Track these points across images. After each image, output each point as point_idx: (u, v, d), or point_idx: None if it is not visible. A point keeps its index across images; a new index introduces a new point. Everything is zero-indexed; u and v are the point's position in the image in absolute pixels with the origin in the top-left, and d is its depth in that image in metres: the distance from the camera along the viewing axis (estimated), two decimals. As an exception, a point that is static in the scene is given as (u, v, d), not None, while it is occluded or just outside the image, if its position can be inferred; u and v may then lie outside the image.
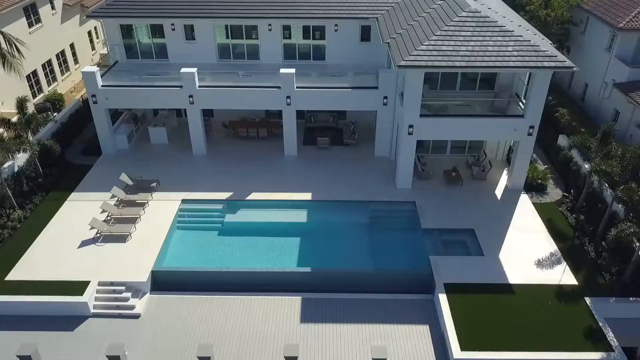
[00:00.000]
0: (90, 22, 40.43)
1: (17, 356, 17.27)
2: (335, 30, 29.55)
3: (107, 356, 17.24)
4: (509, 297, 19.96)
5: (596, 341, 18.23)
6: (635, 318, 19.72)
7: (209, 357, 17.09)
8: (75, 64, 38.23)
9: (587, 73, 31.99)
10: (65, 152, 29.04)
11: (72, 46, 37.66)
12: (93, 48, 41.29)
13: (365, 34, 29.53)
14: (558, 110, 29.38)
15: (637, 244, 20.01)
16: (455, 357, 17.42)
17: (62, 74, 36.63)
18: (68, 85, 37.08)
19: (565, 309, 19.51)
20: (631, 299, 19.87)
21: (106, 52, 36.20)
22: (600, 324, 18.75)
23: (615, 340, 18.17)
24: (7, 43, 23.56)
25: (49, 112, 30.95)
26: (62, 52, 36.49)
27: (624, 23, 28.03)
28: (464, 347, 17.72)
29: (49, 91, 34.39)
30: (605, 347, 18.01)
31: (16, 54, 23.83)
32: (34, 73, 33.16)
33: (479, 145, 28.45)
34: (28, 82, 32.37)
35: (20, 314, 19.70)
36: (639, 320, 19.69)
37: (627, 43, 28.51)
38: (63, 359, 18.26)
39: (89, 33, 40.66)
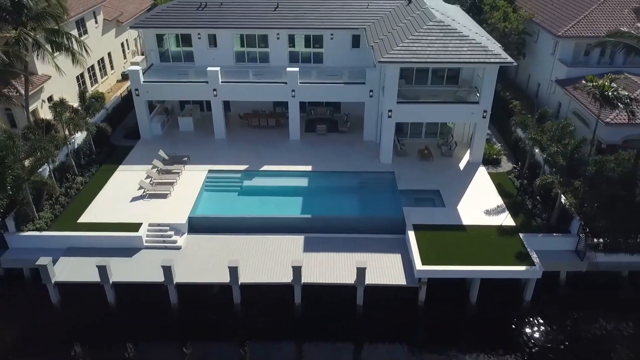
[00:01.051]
0: (123, 35, 47.41)
1: (97, 266, 23.57)
2: (331, 39, 36.34)
3: (162, 266, 23.54)
4: (461, 233, 26.28)
5: (524, 261, 24.47)
6: (558, 250, 25.98)
7: (236, 266, 23.38)
8: (111, 70, 45.04)
9: (539, 74, 38.77)
10: (110, 137, 35.52)
11: (109, 55, 44.51)
12: (125, 57, 48.16)
13: (356, 42, 36.28)
14: (512, 102, 35.95)
15: (558, 191, 26.35)
16: (417, 268, 23.69)
17: (102, 77, 43.40)
18: (106, 86, 43.81)
19: (503, 240, 25.80)
20: (554, 234, 26.17)
21: (136, 60, 43.30)
22: (529, 250, 24.99)
23: (537, 259, 24.40)
24: (78, 45, 30.24)
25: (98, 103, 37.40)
26: (102, 59, 43.33)
27: (562, 32, 34.89)
28: (424, 263, 23.98)
29: (91, 90, 41.02)
30: (530, 264, 24.24)
31: (84, 52, 30.54)
32: (81, 75, 39.88)
33: (448, 131, 34.96)
34: (77, 82, 39.09)
35: (90, 247, 25.91)
36: (561, 252, 25.96)
37: (566, 48, 35.27)
38: (126, 275, 24.46)
39: (122, 44, 47.56)
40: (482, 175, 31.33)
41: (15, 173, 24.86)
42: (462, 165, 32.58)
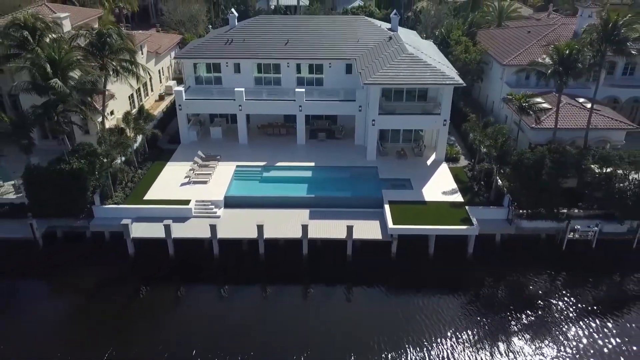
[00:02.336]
0: (160, 64, 58.00)
1: (163, 225, 33.41)
2: (330, 67, 46.83)
3: (209, 225, 33.40)
4: (423, 206, 36.20)
5: (466, 223, 34.31)
6: (494, 219, 35.78)
7: (262, 224, 33.24)
8: (151, 91, 55.49)
9: (492, 93, 49.18)
10: (158, 141, 45.60)
11: (150, 79, 54.99)
12: (161, 81, 58.71)
13: (349, 69, 46.72)
14: (469, 115, 46.08)
15: (495, 176, 36.36)
16: (389, 227, 33.54)
17: (145, 97, 53.76)
18: (148, 104, 54.11)
19: (453, 211, 35.67)
20: (491, 207, 36.05)
21: (169, 84, 53.88)
22: (470, 216, 34.82)
23: (475, 222, 34.21)
24: (143, 71, 40.55)
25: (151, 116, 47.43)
26: (145, 83, 53.76)
27: (506, 61, 45.44)
28: (394, 223, 33.83)
29: (137, 107, 51.27)
30: (470, 224, 34.08)
31: (147, 76, 40.87)
32: (131, 96, 50.24)
33: (419, 137, 45.07)
34: (129, 101, 49.47)
35: (154, 216, 35.67)
36: (496, 220, 35.74)
37: (510, 74, 45.68)
38: (183, 233, 34.26)
39: (159, 71, 58.18)
40: (443, 169, 41.40)
41: (101, 162, 35.00)
42: (429, 162, 42.66)
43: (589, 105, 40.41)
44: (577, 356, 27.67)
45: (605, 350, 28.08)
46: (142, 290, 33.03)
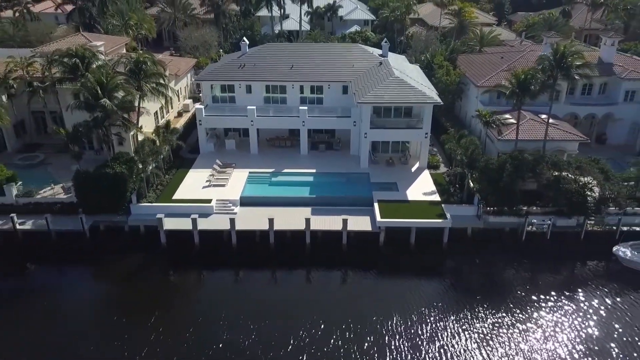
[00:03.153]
0: (179, 84, 65.56)
1: (192, 219, 40.51)
2: (329, 88, 54.30)
3: (229, 219, 40.49)
4: (407, 204, 43.32)
5: (442, 218, 41.41)
6: (466, 215, 42.83)
7: (273, 218, 40.35)
8: (171, 108, 62.95)
9: (470, 110, 56.57)
10: (180, 151, 52.84)
11: (171, 98, 62.49)
12: (179, 99, 66.23)
13: (345, 90, 54.14)
14: (449, 129, 53.33)
15: (467, 180, 43.56)
16: (378, 220, 40.65)
17: (166, 113, 61.17)
18: (169, 119, 61.46)
19: (431, 208, 42.77)
20: (463, 205, 43.16)
21: (186, 102, 61.33)
22: (446, 212, 41.92)
23: (449, 217, 41.28)
24: (172, 92, 47.94)
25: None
26: (167, 101, 61.21)
27: (480, 83, 52.98)
28: (382, 217, 40.94)
29: (160, 122, 58.65)
30: (445, 218, 41.17)
31: (174, 96, 48.24)
32: (156, 112, 57.63)
33: (406, 148, 52.29)
34: (154, 117, 56.88)
35: (181, 212, 42.73)
36: (468, 216, 42.78)
37: (483, 94, 53.13)
38: (206, 225, 41.34)
39: (178, 91, 65.76)
40: (425, 175, 48.62)
41: (137, 168, 42.27)
42: (413, 169, 49.88)
43: (550, 121, 47.70)
44: (531, 325, 34.49)
45: (557, 321, 34.87)
46: (172, 272, 40.10)
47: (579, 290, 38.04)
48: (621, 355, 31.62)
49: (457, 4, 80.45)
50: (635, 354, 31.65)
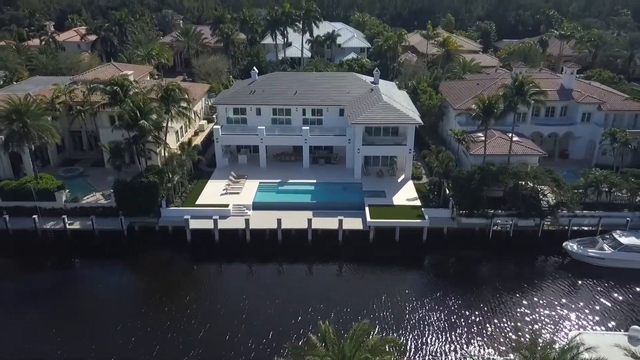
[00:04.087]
0: (196, 107, 74.29)
1: (213, 219, 48.86)
2: (327, 111, 63.07)
3: (244, 219, 48.82)
4: (393, 208, 51.70)
5: (422, 219, 49.75)
6: (443, 217, 51.11)
7: (280, 219, 48.67)
8: (189, 128, 71.63)
9: (450, 129, 65.23)
10: (199, 164, 61.31)
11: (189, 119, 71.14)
12: (195, 121, 74.89)
13: (341, 112, 62.86)
14: (431, 146, 61.87)
15: (444, 188, 51.95)
16: (368, 220, 48.99)
17: (185, 132, 69.84)
18: (187, 138, 70.11)
19: (413, 211, 51.12)
20: (440, 209, 51.50)
21: (201, 123, 70.01)
22: (424, 213, 50.24)
23: (427, 218, 49.60)
24: (193, 114, 56.60)
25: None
26: (189, 122, 69.87)
27: (457, 106, 61.76)
28: (371, 218, 49.28)
29: (181, 139, 67.24)
30: (423, 219, 49.50)
31: (195, 118, 56.90)
32: (177, 132, 66.29)
33: (393, 162, 60.77)
34: (176, 136, 65.53)
35: (203, 215, 51.01)
36: (444, 218, 51.04)
37: (460, 115, 61.78)
38: (225, 225, 49.64)
39: (194, 113, 74.48)
40: (409, 184, 57.06)
41: (167, 178, 50.74)
42: (399, 179, 58.34)
43: (514, 138, 56.30)
44: (494, 302, 42.50)
45: (516, 301, 42.90)
46: (196, 264, 48.29)
47: (535, 277, 46.24)
48: (569, 324, 39.58)
49: (442, 36, 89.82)
50: (581, 322, 39.65)
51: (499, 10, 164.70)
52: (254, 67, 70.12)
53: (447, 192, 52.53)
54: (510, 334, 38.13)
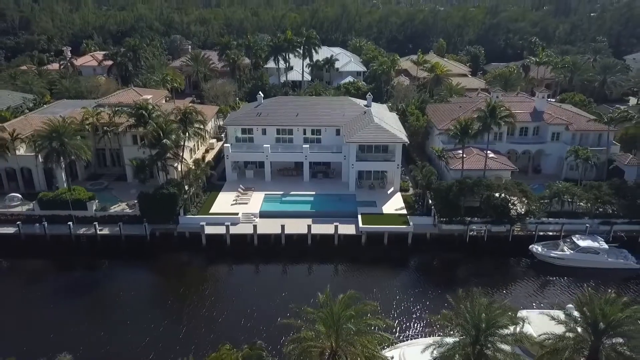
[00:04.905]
0: (206, 127, 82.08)
1: (225, 225, 56.24)
2: (325, 131, 70.82)
3: (252, 225, 56.23)
4: (382, 215, 59.10)
5: (406, 224, 57.11)
6: (426, 224, 58.45)
7: (284, 224, 56.05)
8: (201, 146, 79.31)
9: (431, 147, 72.91)
10: (210, 178, 68.77)
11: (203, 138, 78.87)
12: (206, 139, 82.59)
13: (337, 132, 70.60)
14: (416, 162, 69.42)
15: (427, 198, 59.40)
16: (360, 226, 56.39)
17: (197, 149, 77.48)
18: (199, 155, 77.71)
19: (400, 218, 58.50)
20: (424, 216, 58.89)
21: (211, 141, 77.75)
22: (409, 220, 57.61)
23: (412, 224, 56.96)
24: (206, 134, 64.28)
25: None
26: (203, 140, 77.60)
27: (440, 127, 69.53)
28: (363, 224, 56.69)
29: (194, 157, 74.81)
30: (409, 225, 56.87)
31: (208, 137, 64.55)
32: (190, 149, 73.88)
33: (384, 176, 68.28)
34: (189, 153, 73.12)
35: (216, 222, 58.33)
36: (427, 224, 58.39)
37: (442, 134, 69.49)
38: (236, 230, 57.00)
39: (205, 132, 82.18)
40: (397, 196, 64.52)
41: (184, 190, 58.27)
42: (389, 192, 65.81)
43: (490, 155, 63.92)
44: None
45: (489, 294, 50.00)
46: (210, 265, 55.50)
47: (505, 275, 53.42)
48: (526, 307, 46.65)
49: (431, 62, 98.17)
50: (537, 306, 46.72)
51: (489, 34, 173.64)
52: (260, 92, 78.09)
53: (430, 201, 59.95)
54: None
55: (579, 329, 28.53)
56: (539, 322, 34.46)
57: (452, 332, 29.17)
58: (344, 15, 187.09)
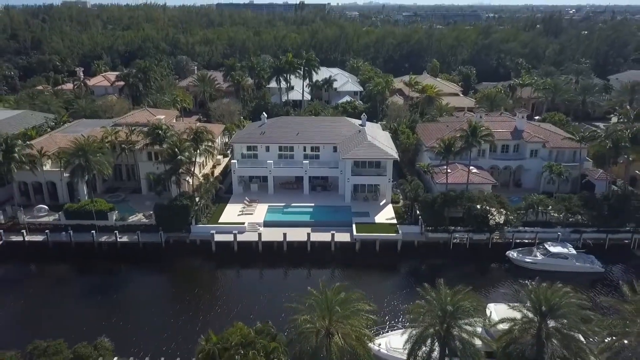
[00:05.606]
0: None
1: (232, 234, 62.62)
2: (323, 148, 77.48)
3: (257, 233, 62.62)
4: (374, 224, 65.49)
5: (396, 233, 63.46)
6: (414, 232, 64.79)
7: (286, 232, 62.40)
8: (209, 161, 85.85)
9: (417, 164, 79.48)
10: (218, 192, 75.26)
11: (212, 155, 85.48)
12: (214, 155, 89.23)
13: (335, 149, 77.26)
14: (406, 177, 75.89)
15: (415, 209, 65.86)
16: (354, 234, 62.78)
17: (205, 165, 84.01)
18: (207, 170, 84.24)
19: (390, 227, 64.88)
20: (412, 225, 65.26)
21: (218, 157, 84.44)
22: (399, 229, 63.97)
23: (401, 232, 63.32)
24: (213, 149, 70.91)
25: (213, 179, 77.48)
26: (206, 157, 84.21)
27: (428, 144, 76.18)
28: (357, 232, 63.08)
29: (203, 171, 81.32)
30: (398, 233, 63.22)
31: (216, 153, 71.19)
32: (199, 164, 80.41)
33: (377, 189, 74.75)
34: (199, 167, 79.66)
35: (225, 231, 64.63)
36: (415, 232, 64.73)
37: (429, 151, 76.07)
38: (243, 238, 63.35)
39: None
40: (389, 207, 70.94)
41: (196, 201, 64.75)
42: (381, 203, 72.26)
43: (473, 170, 70.47)
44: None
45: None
46: (220, 269, 61.73)
47: (484, 277, 59.59)
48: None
49: (422, 84, 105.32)
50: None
51: (482, 54, 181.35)
52: (264, 112, 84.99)
53: (417, 212, 66.35)
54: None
55: (529, 313, 34.74)
56: (503, 312, 40.65)
57: (426, 318, 35.19)
58: (342, 36, 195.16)
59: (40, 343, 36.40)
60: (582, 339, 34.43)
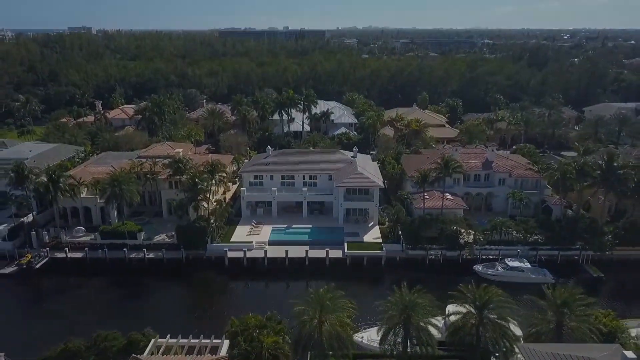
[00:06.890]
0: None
1: (242, 251, 74.35)
2: (320, 177, 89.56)
3: (264, 250, 74.33)
4: (363, 243, 77.18)
5: (380, 250, 75.11)
6: (396, 249, 76.41)
7: (287, 249, 74.10)
8: (220, 188, 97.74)
9: (407, 191, 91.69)
10: (229, 216, 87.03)
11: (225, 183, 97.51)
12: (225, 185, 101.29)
13: (330, 178, 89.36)
14: (391, 201, 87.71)
15: (398, 230, 77.61)
16: (345, 251, 74.47)
17: (217, 191, 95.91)
18: (218, 196, 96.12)
19: (376, 245, 76.55)
20: (394, 243, 76.93)
21: (228, 184, 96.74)
22: (383, 247, 75.62)
23: (385, 250, 74.96)
24: (226, 179, 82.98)
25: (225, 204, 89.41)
26: (218, 186, 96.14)
27: (410, 174, 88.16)
28: (348, 249, 74.77)
29: (215, 197, 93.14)
30: (382, 250, 74.86)
31: (227, 181, 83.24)
32: (212, 190, 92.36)
33: (367, 212, 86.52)
34: (212, 195, 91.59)
35: (236, 248, 76.24)
36: (397, 250, 76.34)
37: (410, 180, 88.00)
38: (251, 254, 75.02)
39: (223, 176, 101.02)
40: (376, 228, 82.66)
41: (211, 223, 76.65)
42: (369, 225, 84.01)
43: (448, 197, 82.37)
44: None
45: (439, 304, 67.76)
46: (232, 281, 73.27)
47: (454, 287, 70.90)
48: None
49: (406, 119, 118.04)
50: (467, 311, 64.18)
51: (470, 85, 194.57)
52: (269, 146, 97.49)
53: (399, 232, 78.08)
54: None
55: (471, 308, 46.33)
56: (454, 309, 52.17)
57: (391, 311, 46.71)
58: (339, 69, 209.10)
59: (101, 332, 47.73)
60: (510, 326, 45.91)
